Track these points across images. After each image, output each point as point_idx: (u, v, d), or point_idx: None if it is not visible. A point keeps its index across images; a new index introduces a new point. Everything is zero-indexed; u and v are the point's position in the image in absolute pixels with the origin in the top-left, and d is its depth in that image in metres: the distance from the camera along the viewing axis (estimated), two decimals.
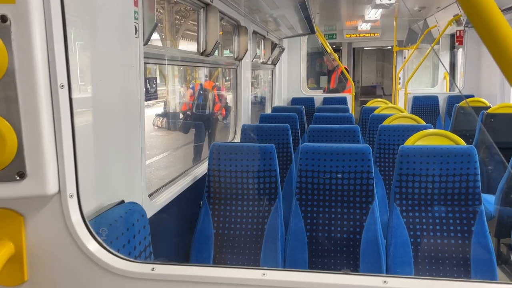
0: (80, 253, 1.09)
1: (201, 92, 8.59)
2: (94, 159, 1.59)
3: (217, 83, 8.84)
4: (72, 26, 1.48)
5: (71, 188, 1.08)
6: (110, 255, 1.10)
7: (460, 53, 8.34)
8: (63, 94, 1.03)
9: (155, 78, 2.56)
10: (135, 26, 1.91)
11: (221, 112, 8.66)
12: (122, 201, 1.71)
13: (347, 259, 2.66)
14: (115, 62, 1.72)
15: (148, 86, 2.45)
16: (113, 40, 1.70)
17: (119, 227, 1.49)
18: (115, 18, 1.71)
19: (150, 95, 2.48)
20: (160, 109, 11.39)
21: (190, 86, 10.89)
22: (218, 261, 2.76)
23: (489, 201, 3.82)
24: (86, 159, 1.52)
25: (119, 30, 1.75)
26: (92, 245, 1.10)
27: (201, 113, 8.30)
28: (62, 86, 1.03)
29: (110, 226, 1.44)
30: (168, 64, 2.79)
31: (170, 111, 11.55)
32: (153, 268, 1.09)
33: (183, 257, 2.80)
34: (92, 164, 1.57)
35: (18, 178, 1.02)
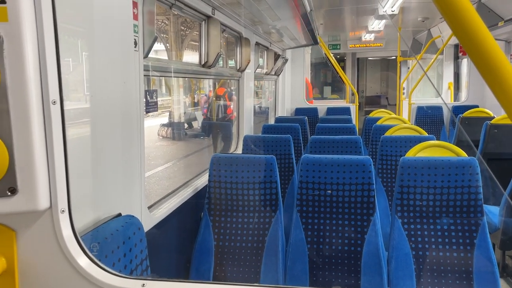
0: (70, 268, 1.09)
1: (214, 98, 9.11)
2: (91, 172, 1.59)
3: (228, 89, 9.21)
4: (71, 39, 1.50)
5: (62, 203, 1.08)
6: (101, 270, 1.10)
7: (464, 63, 8.33)
8: (55, 110, 1.04)
9: (156, 90, 2.58)
10: (135, 40, 1.93)
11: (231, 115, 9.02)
12: (119, 214, 1.71)
13: (348, 271, 2.64)
14: (114, 74, 1.73)
15: (148, 98, 2.46)
16: (112, 53, 1.72)
17: (115, 241, 1.49)
18: (114, 32, 1.73)
19: (150, 107, 2.50)
20: (165, 119, 11.46)
21: (204, 93, 11.54)
22: (219, 274, 2.75)
23: (494, 213, 3.78)
24: (83, 173, 1.53)
25: (118, 43, 1.77)
26: (83, 261, 1.10)
27: (216, 116, 8.80)
28: (54, 102, 1.04)
29: (105, 239, 1.44)
30: (169, 76, 2.81)
31: (174, 121, 11.62)
32: (143, 284, 1.08)
33: (183, 270, 2.79)
34: (89, 177, 1.58)
35: (9, 193, 1.03)
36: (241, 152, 4.26)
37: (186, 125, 12.03)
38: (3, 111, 1.00)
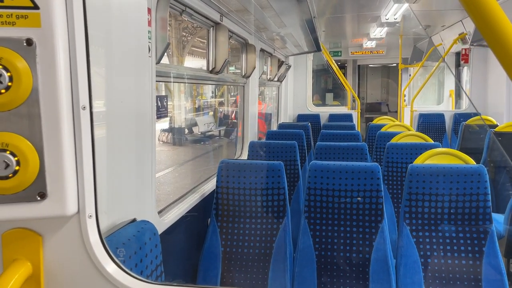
0: (98, 274, 1.09)
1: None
2: (108, 178, 1.59)
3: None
4: (90, 45, 1.51)
5: (90, 208, 1.09)
6: (128, 276, 1.10)
7: (465, 71, 8.37)
8: (84, 116, 1.05)
9: (166, 96, 2.59)
10: (148, 46, 1.94)
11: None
12: (134, 219, 1.71)
13: (356, 279, 2.64)
14: (129, 81, 1.74)
15: (159, 103, 2.47)
16: (128, 59, 1.72)
17: (132, 246, 1.49)
18: (130, 39, 1.74)
19: (161, 112, 2.50)
20: (165, 124, 11.49)
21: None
22: (226, 280, 2.74)
23: (498, 221, 3.78)
24: (100, 178, 1.53)
25: (133, 49, 1.78)
26: (110, 267, 1.10)
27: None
28: (84, 107, 1.05)
29: (123, 245, 1.44)
30: (178, 82, 2.82)
31: (175, 126, 11.64)
32: None
33: (191, 275, 2.79)
34: (105, 183, 1.58)
35: (39, 198, 1.03)
36: (246, 158, 4.27)
37: (186, 131, 12.06)
38: (34, 115, 1.00)
